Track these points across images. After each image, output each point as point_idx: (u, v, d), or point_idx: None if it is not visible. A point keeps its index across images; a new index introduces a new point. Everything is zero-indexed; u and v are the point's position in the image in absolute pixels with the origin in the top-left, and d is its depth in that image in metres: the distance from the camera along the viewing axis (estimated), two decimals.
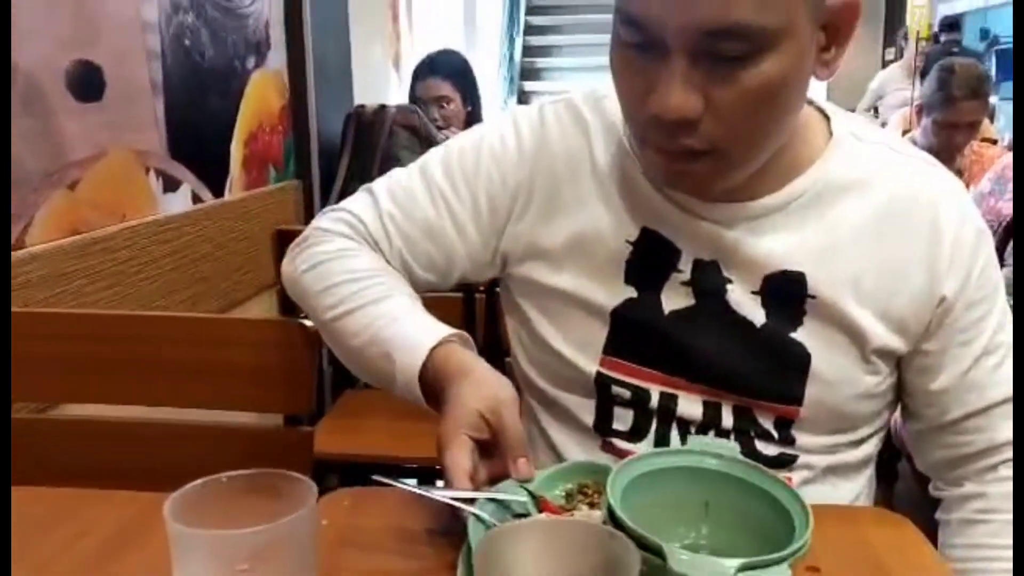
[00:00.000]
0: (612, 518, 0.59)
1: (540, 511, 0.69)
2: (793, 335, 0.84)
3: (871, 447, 0.92)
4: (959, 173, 2.59)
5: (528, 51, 9.03)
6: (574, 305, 0.89)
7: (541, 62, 8.92)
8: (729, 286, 0.85)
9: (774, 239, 0.84)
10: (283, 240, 1.92)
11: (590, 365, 0.89)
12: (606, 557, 0.51)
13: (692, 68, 0.70)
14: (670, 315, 0.87)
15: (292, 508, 0.54)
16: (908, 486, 2.17)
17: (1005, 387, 0.87)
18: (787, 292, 0.84)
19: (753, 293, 0.85)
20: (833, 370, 0.84)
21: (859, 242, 0.84)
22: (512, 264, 0.94)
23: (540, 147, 0.91)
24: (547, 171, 0.91)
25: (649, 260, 0.87)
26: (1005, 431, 0.88)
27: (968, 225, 0.86)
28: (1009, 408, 0.88)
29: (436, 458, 0.73)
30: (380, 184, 0.97)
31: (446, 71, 2.65)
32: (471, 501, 0.68)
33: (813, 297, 0.83)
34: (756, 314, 0.85)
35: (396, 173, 0.97)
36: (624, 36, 0.74)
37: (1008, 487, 0.88)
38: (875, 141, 0.88)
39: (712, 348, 0.86)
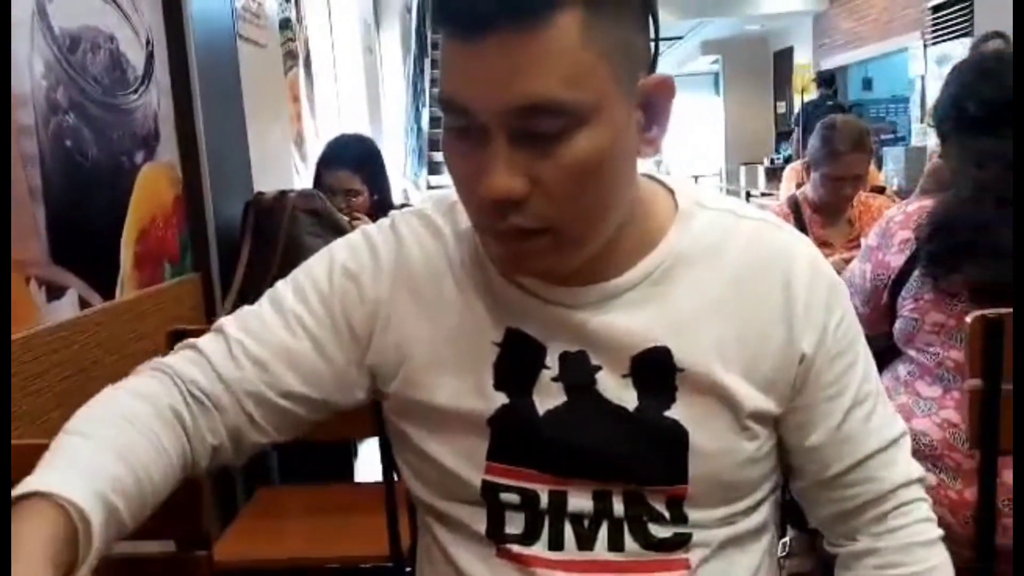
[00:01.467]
0: None
1: None
2: (667, 413, 0.84)
3: (765, 512, 0.92)
4: (849, 224, 2.69)
5: (435, 121, 9.13)
6: (451, 419, 0.88)
7: None
8: (599, 375, 0.85)
9: (634, 317, 0.84)
10: (178, 339, 1.84)
11: (475, 475, 0.87)
12: None
13: (513, 148, 0.72)
14: (545, 415, 0.85)
15: None
16: None
17: (879, 435, 0.89)
18: (655, 369, 0.84)
19: (623, 376, 0.85)
20: (712, 442, 0.84)
21: (718, 309, 0.84)
22: (383, 382, 0.91)
23: (396, 259, 0.90)
24: (406, 282, 0.89)
25: (516, 361, 0.86)
26: (888, 479, 0.89)
27: (820, 280, 0.87)
28: (889, 455, 0.89)
29: (360, 558, 0.67)
30: (228, 319, 0.91)
31: (353, 161, 2.62)
32: None
33: (682, 370, 0.84)
34: (629, 398, 0.85)
35: (243, 310, 0.92)
36: (448, 122, 0.76)
37: (902, 537, 0.89)
38: (721, 208, 0.90)
39: (591, 442, 0.85)
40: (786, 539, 2.34)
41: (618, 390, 0.85)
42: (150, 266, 2.03)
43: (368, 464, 2.66)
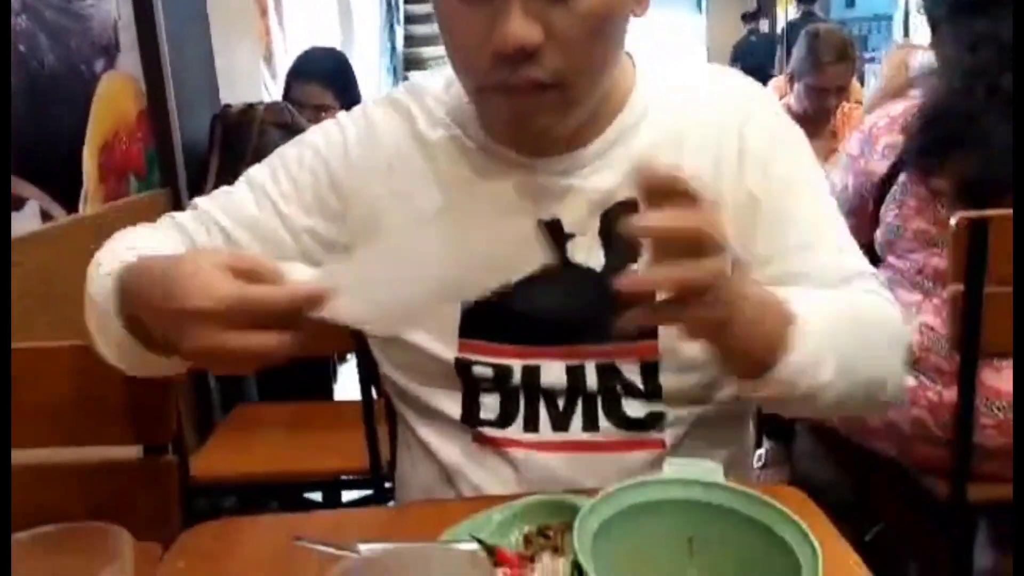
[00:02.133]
0: (580, 574, 0.51)
1: (496, 565, 0.62)
2: (635, 267, 0.81)
3: (738, 404, 0.90)
4: (832, 135, 2.65)
5: (410, 40, 8.92)
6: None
7: (426, 51, 8.80)
8: (570, 243, 0.86)
9: (606, 178, 0.86)
10: None
11: (448, 352, 0.87)
12: None
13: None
14: (516, 286, 0.85)
15: (104, 564, 0.46)
16: (805, 442, 2.22)
17: (845, 267, 0.86)
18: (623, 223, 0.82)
19: (595, 237, 0.85)
20: None
21: (679, 156, 0.86)
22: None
23: (367, 140, 0.91)
24: (376, 163, 0.90)
25: None
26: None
27: (774, 116, 0.89)
28: (855, 280, 0.85)
29: (338, 471, 0.65)
30: (204, 198, 0.94)
31: (323, 76, 2.52)
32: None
33: None
34: (597, 259, 0.85)
35: (219, 189, 0.95)
36: None
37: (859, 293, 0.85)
38: (677, 67, 0.93)
39: (559, 307, 0.86)
40: (761, 450, 2.36)
41: (588, 253, 0.86)
42: (115, 180, 1.96)
43: (347, 386, 2.65)
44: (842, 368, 0.74)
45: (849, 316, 0.79)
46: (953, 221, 1.39)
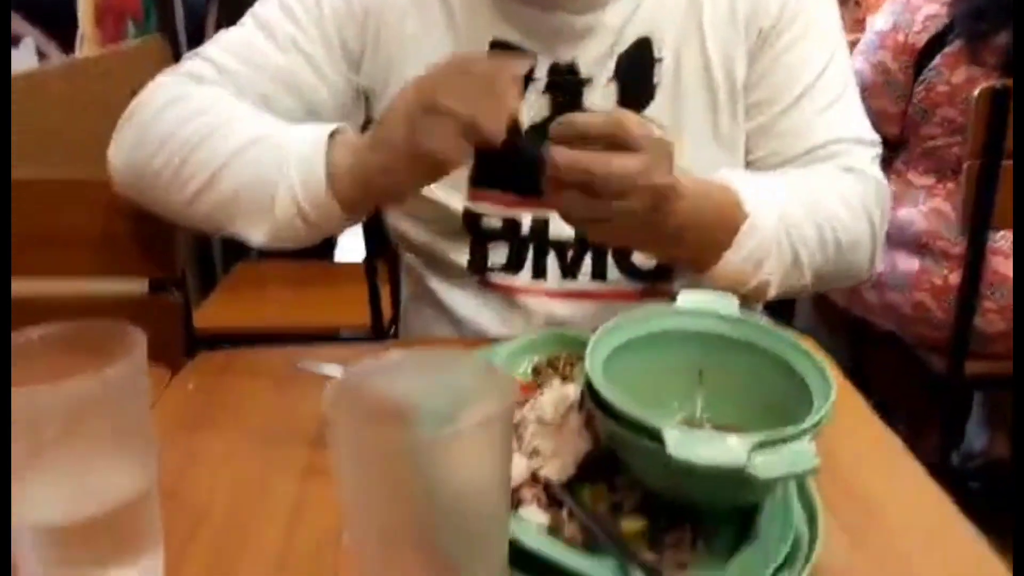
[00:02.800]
0: (592, 394, 0.50)
1: None
2: (647, 112, 0.83)
3: None
4: (856, 4, 2.55)
5: None
6: None
7: None
8: (586, 88, 0.84)
9: (622, 15, 0.83)
10: None
11: (457, 202, 0.86)
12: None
13: None
14: (527, 131, 0.82)
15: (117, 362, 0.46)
16: (804, 313, 2.23)
17: (839, 129, 0.85)
18: (638, 64, 0.83)
19: (608, 80, 0.83)
20: (688, 131, 0.83)
21: None
22: (372, 106, 0.88)
23: None
24: (397, 4, 0.85)
25: None
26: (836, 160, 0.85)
27: None
28: (837, 146, 0.84)
29: (340, 326, 0.65)
30: (210, 48, 0.85)
31: None
32: None
33: (661, 60, 0.83)
34: (611, 103, 0.84)
35: (225, 35, 0.86)
36: None
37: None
38: None
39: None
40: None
41: (605, 98, 0.83)
42: (112, 23, 1.89)
43: (347, 248, 2.64)
44: (796, 259, 0.77)
45: (806, 205, 0.78)
46: (976, 91, 1.35)
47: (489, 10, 0.83)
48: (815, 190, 0.80)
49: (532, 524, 0.50)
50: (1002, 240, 1.45)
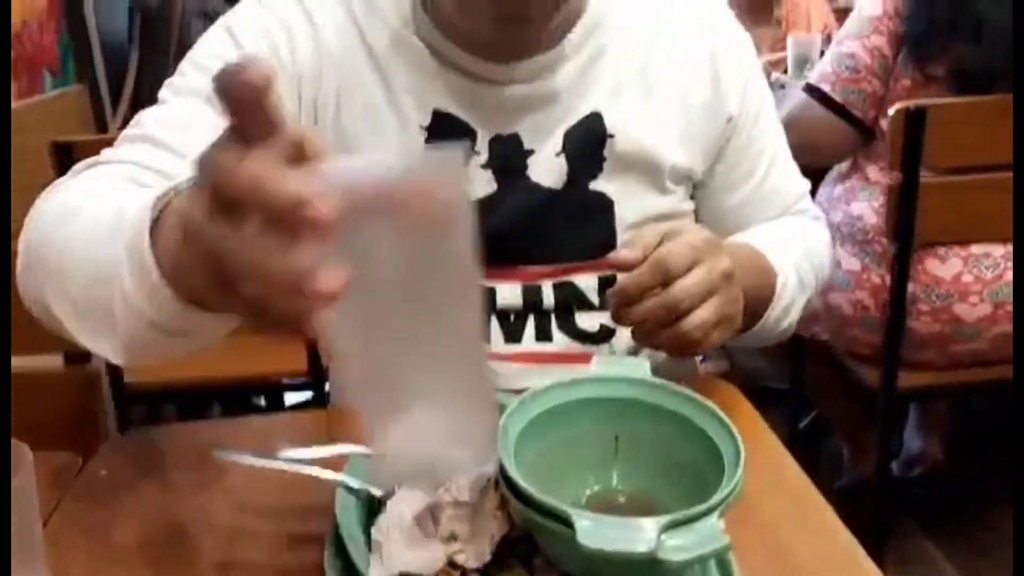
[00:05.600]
0: (504, 477, 0.49)
1: None
2: (593, 185, 0.84)
3: None
4: (777, 23, 2.60)
5: None
6: None
7: None
8: (531, 159, 0.82)
9: (568, 87, 0.82)
10: (62, 153, 1.69)
11: None
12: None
13: None
14: (474, 205, 0.80)
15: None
16: None
17: (796, 186, 0.94)
18: (588, 139, 0.83)
19: (556, 155, 0.83)
20: (637, 211, 0.85)
21: (647, 69, 0.84)
22: None
23: (309, 32, 0.80)
24: (323, 58, 0.80)
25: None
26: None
27: (739, 35, 0.89)
28: (804, 201, 0.95)
29: (279, 373, 0.59)
30: (138, 127, 0.76)
31: None
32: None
33: (612, 136, 0.83)
34: (559, 177, 0.83)
35: (146, 114, 0.77)
36: None
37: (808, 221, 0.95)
38: None
39: (520, 229, 0.82)
40: None
41: (550, 171, 0.83)
42: (26, 74, 1.85)
43: None
44: (805, 304, 0.89)
45: (807, 254, 0.89)
46: (891, 111, 1.38)
47: (432, 85, 0.81)
48: (806, 239, 0.91)
49: None
50: (938, 244, 1.48)
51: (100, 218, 0.58)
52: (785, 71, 2.27)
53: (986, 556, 1.70)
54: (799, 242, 0.90)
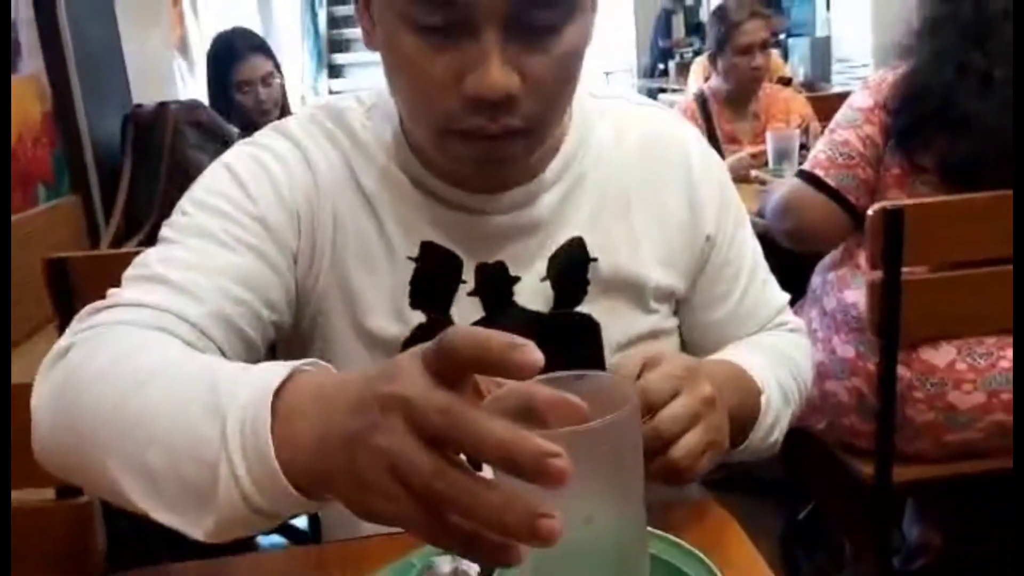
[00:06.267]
0: None
1: None
2: (579, 309, 0.85)
3: None
4: (755, 117, 2.68)
5: (334, 22, 8.72)
6: (362, 343, 0.83)
7: (349, 32, 8.63)
8: (517, 286, 0.84)
9: (550, 215, 0.84)
10: (56, 269, 1.70)
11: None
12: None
13: (506, 43, 0.69)
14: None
15: None
16: None
17: (774, 302, 0.96)
18: (571, 264, 0.85)
19: (541, 281, 0.84)
20: (622, 332, 0.86)
21: (624, 196, 0.86)
22: (303, 320, 0.84)
23: (305, 167, 0.82)
24: (317, 192, 0.82)
25: (433, 277, 0.83)
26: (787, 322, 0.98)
27: (711, 158, 0.92)
28: (783, 315, 0.96)
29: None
30: (147, 267, 0.75)
31: (259, 46, 2.46)
32: None
33: (595, 259, 0.85)
34: (545, 301, 0.85)
35: (153, 254, 0.77)
36: (421, 20, 0.69)
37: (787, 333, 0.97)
38: (612, 96, 0.92)
39: None
40: None
41: (536, 296, 0.84)
42: (20, 189, 1.87)
43: None
44: (790, 418, 0.89)
45: (788, 368, 0.90)
46: (870, 211, 1.41)
47: (418, 217, 0.83)
48: (787, 352, 0.92)
49: None
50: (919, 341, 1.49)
51: (176, 385, 0.57)
52: (765, 164, 2.33)
53: None
54: (780, 356, 0.91)
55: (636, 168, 0.87)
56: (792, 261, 1.60)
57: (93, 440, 0.59)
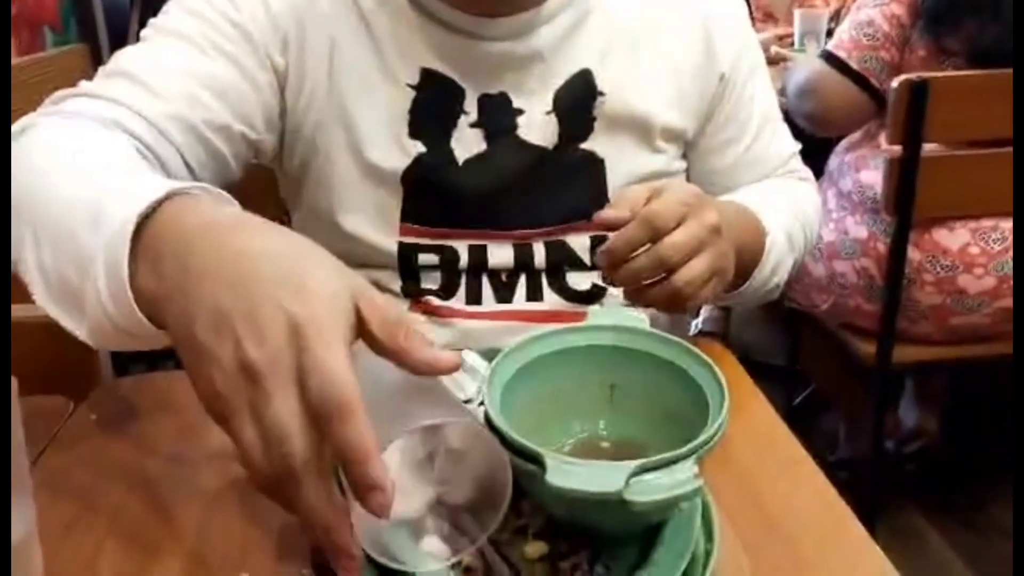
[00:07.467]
0: (488, 421, 0.49)
1: None
2: (584, 145, 0.84)
3: None
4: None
5: None
6: (361, 174, 0.82)
7: None
8: (520, 118, 0.82)
9: (557, 44, 0.82)
10: None
11: (389, 240, 0.83)
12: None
13: None
14: (464, 165, 0.82)
15: None
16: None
17: (782, 150, 0.94)
18: (577, 98, 0.83)
19: (546, 114, 0.83)
20: (627, 170, 0.85)
21: (636, 31, 0.84)
22: (291, 134, 0.83)
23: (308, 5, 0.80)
24: (313, 15, 0.79)
25: (432, 106, 0.81)
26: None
27: (731, 1, 0.89)
28: (793, 162, 0.95)
29: None
30: (118, 63, 0.75)
31: None
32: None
33: (602, 94, 0.83)
34: (550, 136, 0.83)
35: (126, 51, 0.77)
36: None
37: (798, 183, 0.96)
38: None
39: (512, 188, 0.83)
40: (699, 319, 2.40)
41: (541, 129, 0.83)
42: (27, 31, 1.84)
43: None
44: (792, 264, 0.89)
45: (795, 214, 0.89)
46: (894, 83, 1.37)
47: (417, 41, 0.81)
48: (794, 200, 0.91)
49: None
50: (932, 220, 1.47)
51: (80, 191, 0.57)
52: (792, 44, 2.25)
53: (977, 532, 1.71)
54: (787, 202, 0.90)
55: (648, 7, 0.84)
56: (808, 143, 1.56)
57: (16, 228, 0.60)
